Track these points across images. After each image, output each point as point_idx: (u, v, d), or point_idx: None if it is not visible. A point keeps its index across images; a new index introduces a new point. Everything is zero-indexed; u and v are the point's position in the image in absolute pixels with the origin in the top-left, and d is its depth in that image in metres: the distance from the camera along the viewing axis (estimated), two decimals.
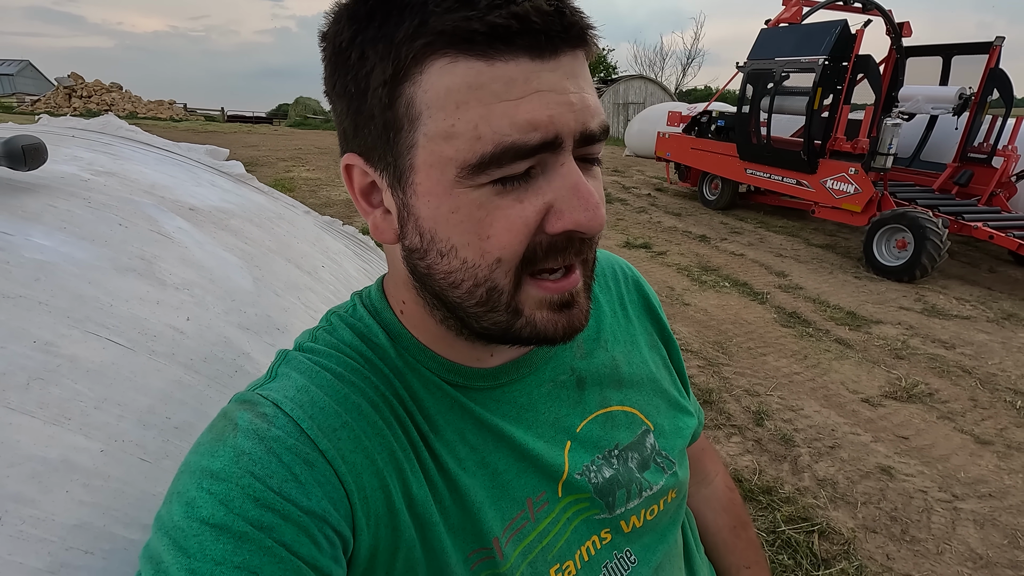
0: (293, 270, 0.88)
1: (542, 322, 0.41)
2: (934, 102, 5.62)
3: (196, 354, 0.58)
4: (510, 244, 0.37)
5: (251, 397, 0.42)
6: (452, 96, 0.35)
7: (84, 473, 0.41)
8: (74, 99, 23.70)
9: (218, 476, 0.36)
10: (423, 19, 0.34)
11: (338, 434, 0.41)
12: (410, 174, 0.38)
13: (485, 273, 0.38)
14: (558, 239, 0.39)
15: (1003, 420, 2.77)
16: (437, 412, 0.46)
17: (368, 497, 0.41)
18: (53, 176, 0.75)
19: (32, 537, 0.36)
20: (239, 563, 0.34)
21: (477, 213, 0.37)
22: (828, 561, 1.90)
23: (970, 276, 5.11)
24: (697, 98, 21.87)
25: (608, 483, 0.52)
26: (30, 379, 0.44)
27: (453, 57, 0.35)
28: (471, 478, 0.46)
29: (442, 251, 0.39)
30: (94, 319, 0.54)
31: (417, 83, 0.36)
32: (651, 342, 0.62)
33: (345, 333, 0.47)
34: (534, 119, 0.35)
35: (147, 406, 0.49)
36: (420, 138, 0.37)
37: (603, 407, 0.54)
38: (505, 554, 0.46)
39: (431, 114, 0.36)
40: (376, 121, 0.38)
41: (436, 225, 0.38)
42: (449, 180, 0.37)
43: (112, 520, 0.39)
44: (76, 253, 0.62)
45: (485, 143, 0.35)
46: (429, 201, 0.38)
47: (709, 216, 7.29)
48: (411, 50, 0.35)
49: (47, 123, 1.07)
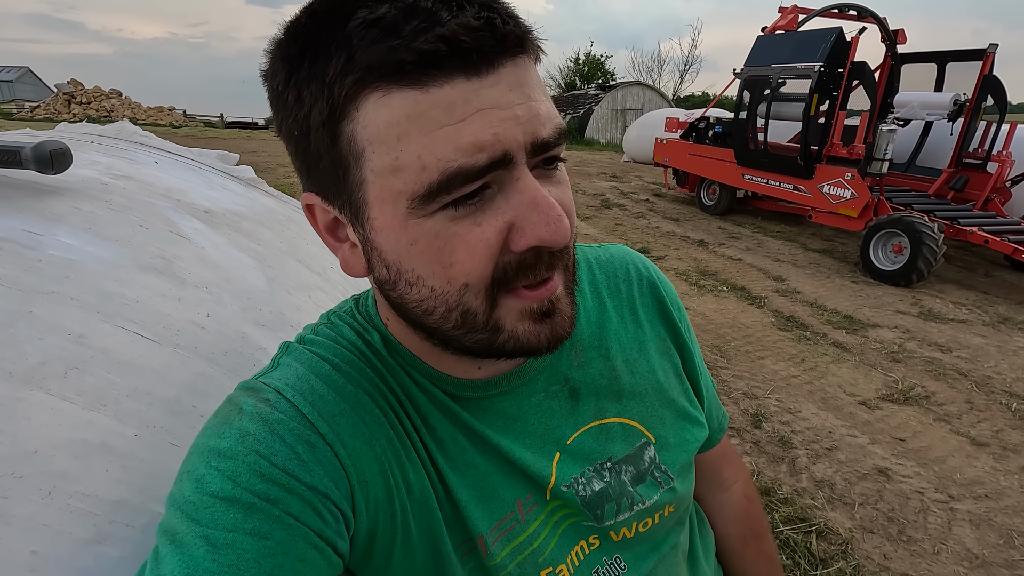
0: (304, 270, 0.90)
1: (524, 334, 0.40)
2: (929, 108, 5.68)
3: (217, 348, 0.61)
4: (475, 268, 0.37)
5: (255, 384, 0.44)
6: (392, 129, 0.34)
7: (120, 455, 0.43)
8: (73, 105, 23.76)
9: (225, 455, 0.38)
10: (350, 55, 0.33)
11: (337, 420, 0.42)
12: (365, 210, 0.38)
13: (455, 299, 0.38)
14: (526, 256, 0.38)
15: (999, 422, 2.79)
16: (428, 412, 0.47)
17: (367, 481, 0.42)
18: (76, 180, 0.77)
19: (79, 511, 0.38)
20: (250, 529, 0.36)
21: (435, 242, 0.36)
22: (826, 561, 1.92)
23: (966, 280, 5.15)
24: (695, 104, 22.00)
25: (597, 496, 0.51)
26: (67, 369, 0.47)
27: (386, 90, 0.34)
28: (459, 477, 0.47)
29: (410, 281, 0.38)
30: (122, 314, 0.57)
31: (355, 120, 0.35)
32: (663, 348, 0.59)
33: (344, 330, 0.49)
34: (478, 140, 0.34)
35: (174, 396, 0.52)
36: (368, 174, 0.36)
37: (598, 419, 0.53)
38: (491, 553, 0.46)
39: (374, 149, 0.35)
40: (324, 160, 0.37)
41: (399, 258, 0.38)
42: (402, 213, 0.36)
43: (148, 498, 0.42)
44: (101, 252, 0.64)
45: (431, 172, 0.34)
46: (388, 235, 0.37)
47: (707, 221, 7.33)
48: (343, 87, 0.34)
49: (64, 129, 1.10)
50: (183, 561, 0.34)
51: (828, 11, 6.46)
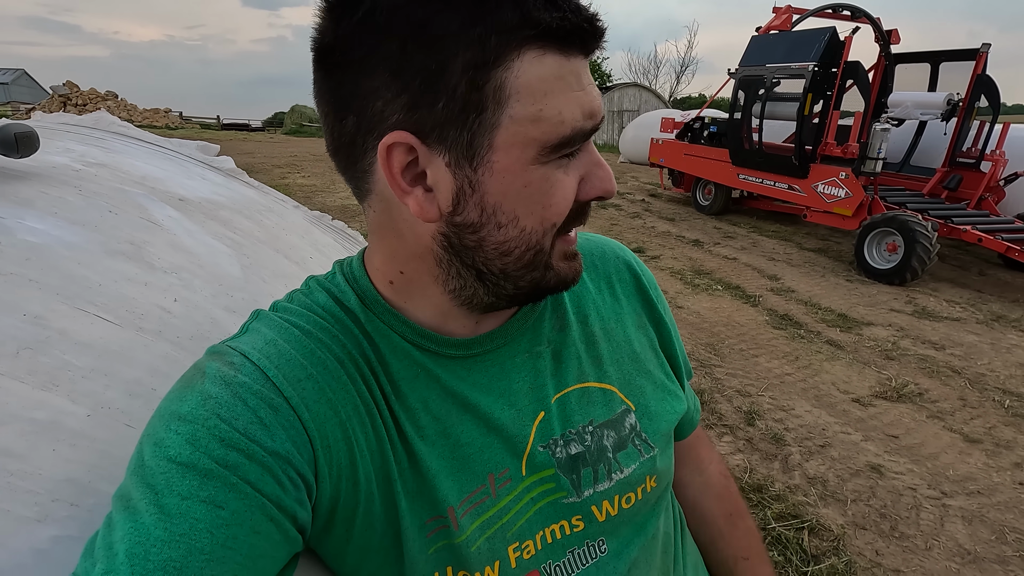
0: (282, 260, 0.89)
1: (563, 270, 0.47)
2: (923, 108, 5.70)
3: (183, 332, 0.60)
4: (563, 211, 0.43)
5: (221, 348, 0.43)
6: (542, 84, 0.39)
7: (70, 434, 0.42)
8: (69, 107, 23.70)
9: (185, 418, 0.37)
10: (524, 12, 0.37)
11: (303, 384, 0.42)
12: (487, 152, 0.40)
13: (538, 237, 0.43)
14: (583, 205, 0.45)
15: (992, 419, 2.79)
16: (402, 378, 0.47)
17: (331, 447, 0.42)
18: (45, 166, 0.76)
19: (20, 488, 0.37)
20: (205, 497, 0.35)
21: (544, 186, 0.42)
22: (818, 557, 1.91)
23: (960, 279, 5.16)
24: (691, 105, 22.02)
25: (573, 460, 0.51)
26: (20, 348, 0.46)
27: (543, 49, 0.38)
28: (429, 447, 0.46)
29: (500, 223, 0.42)
30: (84, 296, 0.55)
31: (510, 69, 0.38)
32: (639, 323, 0.61)
33: (320, 295, 0.48)
34: (592, 108, 0.41)
35: (134, 378, 0.51)
36: (504, 119, 0.39)
37: (580, 382, 0.54)
38: (461, 525, 0.46)
39: (519, 98, 0.39)
40: (453, 100, 0.38)
41: (503, 199, 0.41)
42: (528, 158, 0.40)
43: (97, 477, 0.41)
44: (67, 236, 0.63)
45: (565, 127, 0.40)
46: (504, 177, 0.41)
47: (703, 221, 7.34)
48: (511, 38, 0.37)
49: (40, 118, 1.09)
50: (134, 529, 0.34)
51: (822, 11, 6.48)
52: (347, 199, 7.88)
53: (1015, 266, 5.31)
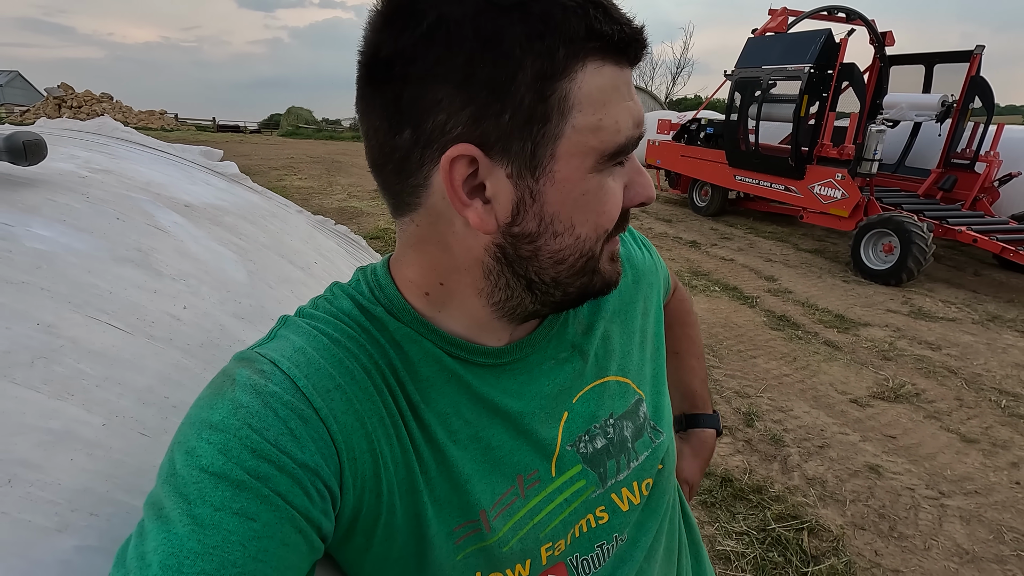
0: (286, 265, 0.89)
1: (607, 272, 0.48)
2: (918, 109, 5.74)
3: (193, 340, 0.60)
4: (615, 217, 0.45)
5: (250, 355, 0.43)
6: (601, 95, 0.40)
7: (86, 443, 0.42)
8: (64, 109, 23.61)
9: (217, 427, 0.37)
10: (589, 24, 0.38)
11: (331, 395, 0.42)
12: (549, 162, 0.41)
13: (591, 244, 0.44)
14: (627, 212, 0.47)
15: (988, 419, 2.81)
16: (432, 384, 0.47)
17: (356, 458, 0.42)
18: (52, 172, 0.76)
19: (40, 499, 0.37)
20: (237, 509, 0.35)
21: (600, 193, 0.43)
22: (818, 558, 1.92)
23: (955, 279, 5.19)
24: (687, 107, 22.05)
25: (599, 453, 0.53)
26: (34, 358, 0.46)
27: (603, 60, 0.40)
28: (461, 451, 0.47)
29: (557, 232, 0.43)
30: (94, 304, 0.55)
31: (574, 80, 0.39)
32: (644, 309, 0.63)
33: (345, 303, 0.48)
34: (639, 117, 0.43)
35: (146, 386, 0.51)
36: (567, 129, 0.40)
37: (599, 378, 0.56)
38: (493, 527, 0.47)
39: (581, 108, 0.40)
40: (519, 112, 0.39)
41: (561, 208, 0.42)
42: (587, 167, 0.41)
43: (114, 487, 0.41)
44: (75, 244, 0.63)
45: (621, 136, 0.41)
46: (564, 186, 0.42)
47: (700, 222, 7.37)
48: (578, 50, 0.39)
49: (45, 124, 1.09)
50: (168, 539, 0.34)
51: (817, 13, 6.52)
52: (344, 201, 7.87)
53: (1010, 266, 5.35)
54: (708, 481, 2.29)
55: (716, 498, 2.20)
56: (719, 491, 2.24)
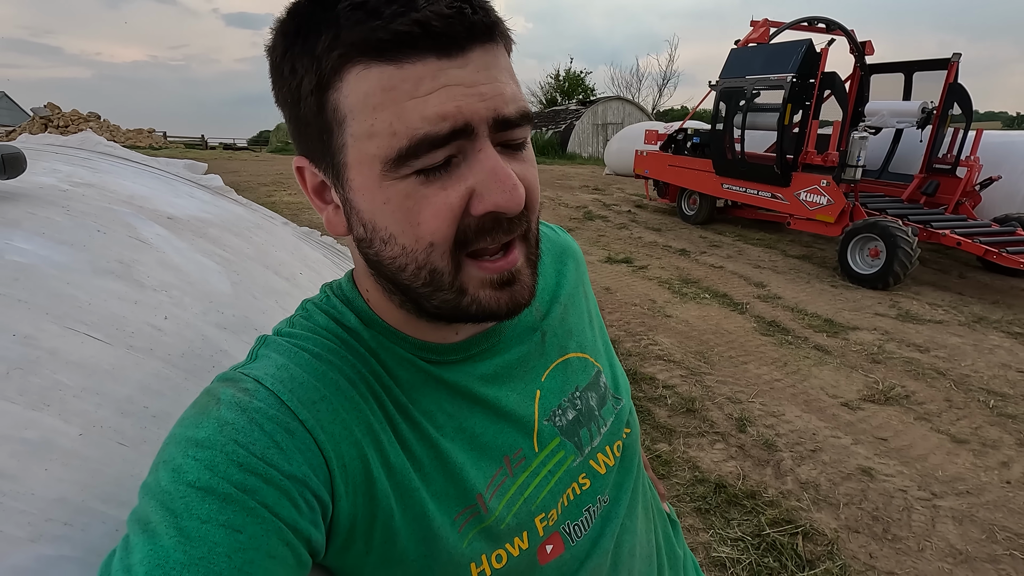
0: (272, 276, 0.89)
1: (486, 300, 0.44)
2: (899, 116, 5.84)
3: (174, 350, 0.60)
4: (439, 228, 0.40)
5: (233, 375, 0.43)
6: (369, 99, 0.38)
7: (63, 453, 0.42)
8: (50, 129, 23.47)
9: (203, 444, 0.38)
10: (336, 33, 0.38)
11: (317, 406, 0.42)
12: (345, 171, 0.41)
13: (423, 257, 0.42)
14: (484, 220, 0.41)
15: (977, 419, 2.83)
16: (413, 386, 0.48)
17: (347, 466, 0.42)
18: (32, 186, 0.76)
19: (12, 509, 0.37)
20: (224, 521, 0.36)
21: (406, 203, 0.40)
22: (812, 562, 1.91)
23: (941, 282, 5.25)
24: (674, 117, 22.32)
25: (572, 424, 0.57)
26: (10, 368, 0.46)
27: (366, 64, 0.38)
28: (451, 442, 0.49)
29: (383, 239, 0.42)
30: (73, 316, 0.55)
31: (339, 90, 0.39)
32: (584, 292, 0.68)
33: (320, 318, 0.49)
34: (442, 111, 0.38)
35: (126, 396, 0.51)
36: (348, 139, 0.40)
37: (561, 355, 0.59)
38: (490, 508, 0.49)
39: (353, 116, 0.39)
40: (312, 126, 0.41)
41: (374, 216, 0.42)
42: (376, 174, 0.40)
43: (90, 496, 0.41)
44: (55, 256, 0.63)
45: (400, 138, 0.38)
46: (364, 195, 0.41)
47: (688, 231, 7.42)
48: (329, 61, 0.38)
49: (26, 139, 1.08)
50: (154, 551, 0.34)
51: (798, 24, 6.64)
52: None
53: (994, 268, 5.42)
54: (702, 487, 2.28)
55: (710, 504, 2.20)
56: (713, 497, 2.23)
